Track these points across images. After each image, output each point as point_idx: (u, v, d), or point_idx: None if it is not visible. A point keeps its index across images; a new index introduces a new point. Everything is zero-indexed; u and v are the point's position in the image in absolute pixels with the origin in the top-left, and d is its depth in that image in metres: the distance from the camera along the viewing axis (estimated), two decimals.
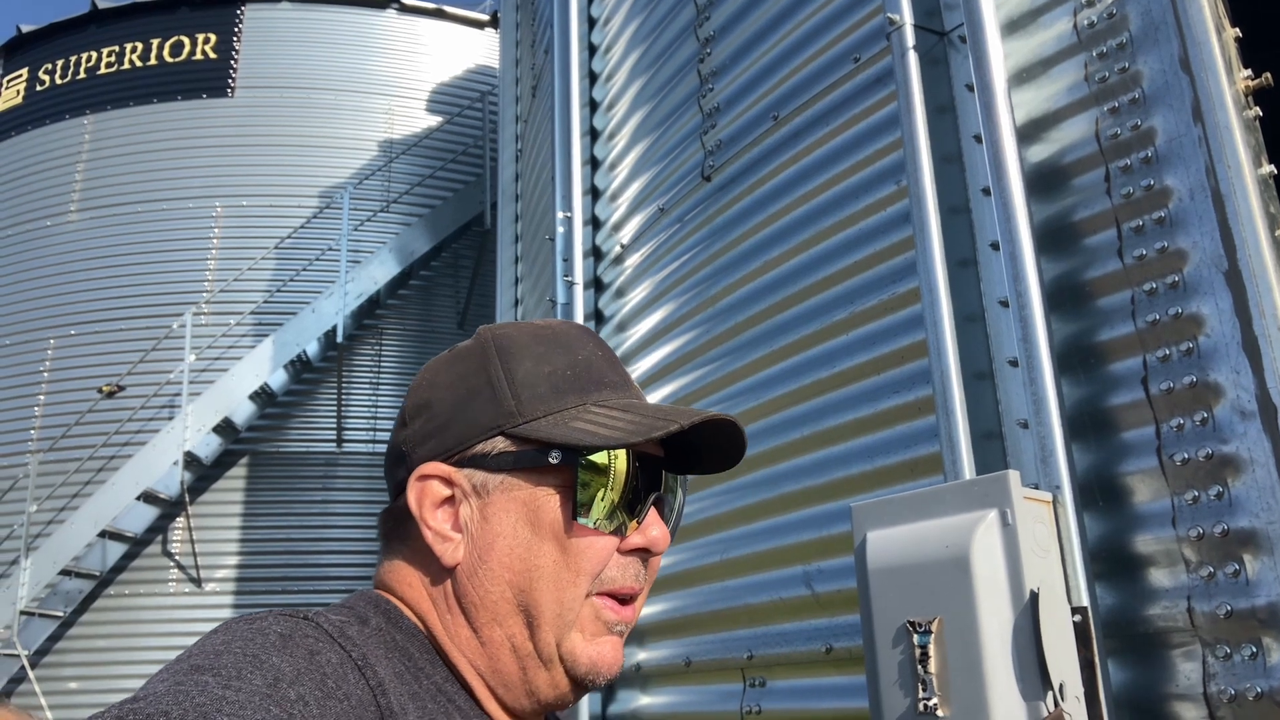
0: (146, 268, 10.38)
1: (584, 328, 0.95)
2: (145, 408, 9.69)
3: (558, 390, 0.86)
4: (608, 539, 0.85)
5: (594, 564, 0.84)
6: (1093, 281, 2.04)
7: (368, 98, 11.40)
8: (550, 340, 0.90)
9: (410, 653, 0.82)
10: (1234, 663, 1.72)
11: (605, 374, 0.90)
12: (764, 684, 2.67)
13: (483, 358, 0.88)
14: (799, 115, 2.85)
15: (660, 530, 0.88)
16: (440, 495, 0.85)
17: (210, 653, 0.68)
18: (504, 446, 0.85)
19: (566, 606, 0.84)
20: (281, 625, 0.73)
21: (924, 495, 1.88)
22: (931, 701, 1.74)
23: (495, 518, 0.84)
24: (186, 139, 10.91)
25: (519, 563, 0.84)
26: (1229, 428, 1.78)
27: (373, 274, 10.32)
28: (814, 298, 2.70)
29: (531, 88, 5.54)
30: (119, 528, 9.15)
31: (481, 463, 0.85)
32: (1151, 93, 2.00)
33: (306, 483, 9.85)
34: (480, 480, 0.85)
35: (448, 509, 0.85)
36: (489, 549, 0.84)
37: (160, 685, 0.64)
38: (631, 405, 0.88)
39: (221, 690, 0.63)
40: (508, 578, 0.84)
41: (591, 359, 0.90)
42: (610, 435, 0.83)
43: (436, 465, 0.86)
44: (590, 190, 4.06)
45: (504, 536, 0.84)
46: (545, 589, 0.83)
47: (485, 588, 0.84)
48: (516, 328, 0.92)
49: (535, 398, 0.86)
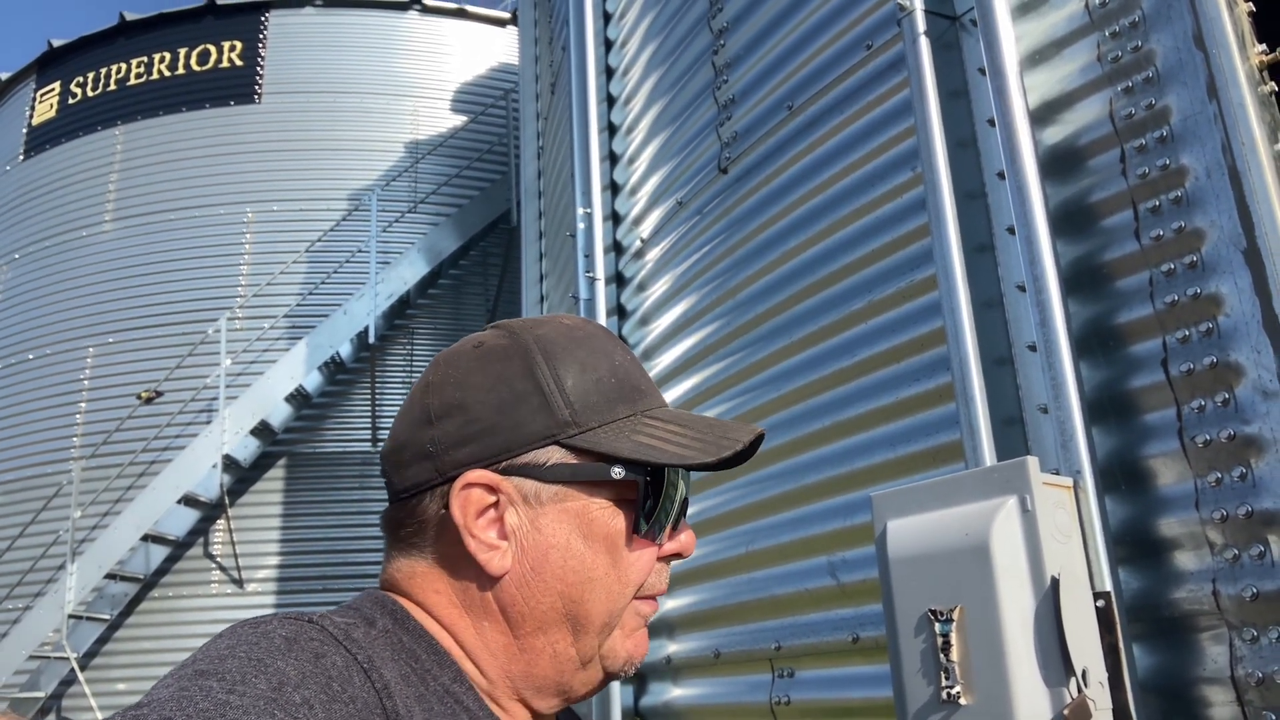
0: (181, 274, 10.54)
1: (603, 327, 0.95)
2: (183, 413, 9.84)
3: (609, 400, 0.86)
4: (652, 549, 0.88)
5: (643, 574, 0.87)
6: (1110, 263, 2.02)
7: (393, 100, 11.48)
8: (586, 343, 0.88)
9: (417, 654, 0.82)
10: (1261, 645, 1.70)
11: (641, 381, 0.90)
12: (792, 674, 2.68)
13: (526, 360, 0.85)
14: (813, 104, 2.84)
15: (689, 535, 0.91)
16: (484, 502, 0.83)
17: (215, 657, 0.68)
18: (561, 457, 0.83)
19: (613, 614, 0.85)
20: (286, 629, 0.73)
21: (943, 483, 1.88)
22: (954, 690, 1.74)
23: (549, 529, 0.83)
24: (216, 146, 11.04)
25: (572, 575, 0.83)
26: (1251, 408, 1.76)
27: (402, 274, 10.40)
28: (832, 287, 2.69)
29: (550, 85, 5.56)
30: (161, 531, 9.31)
31: (534, 473, 0.83)
32: (1165, 71, 1.98)
33: (343, 482, 9.97)
34: (532, 490, 0.83)
35: (491, 516, 0.83)
36: (543, 560, 0.83)
37: (165, 691, 0.65)
38: (680, 417, 0.89)
39: (225, 695, 0.63)
40: (559, 589, 0.83)
41: (626, 364, 0.90)
42: (680, 453, 0.84)
43: (483, 473, 0.83)
44: (610, 185, 4.07)
45: (558, 548, 0.83)
46: (598, 600, 0.84)
47: (536, 598, 0.83)
48: (549, 326, 0.89)
49: (588, 407, 0.84)
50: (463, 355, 0.88)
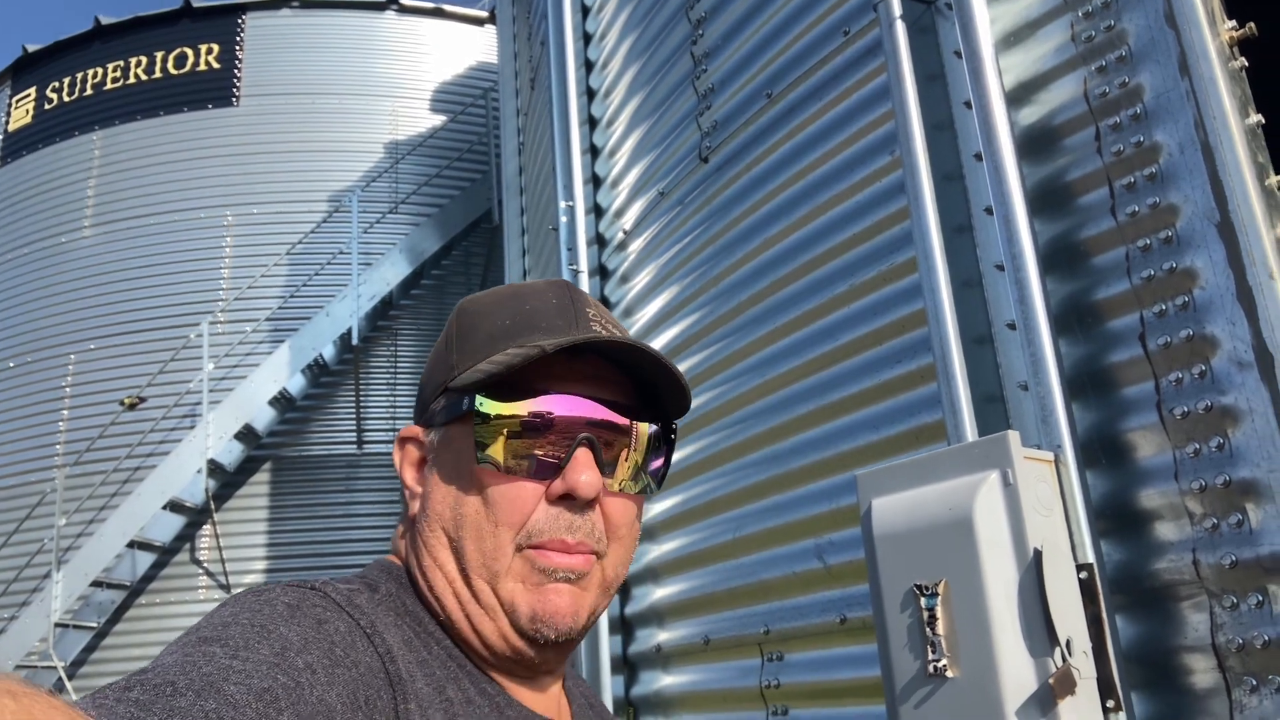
0: (162, 279, 10.48)
1: (561, 282, 0.93)
2: (167, 418, 9.78)
3: (492, 339, 0.85)
4: (526, 486, 0.82)
5: (512, 514, 0.82)
6: (1087, 241, 2.05)
7: (372, 100, 11.44)
8: (510, 296, 0.90)
9: (421, 618, 0.83)
10: (1240, 612, 1.72)
11: (547, 319, 0.85)
12: (782, 658, 2.69)
13: (450, 323, 0.92)
14: (792, 91, 2.86)
15: (589, 475, 0.81)
16: (415, 456, 0.90)
17: (219, 624, 0.69)
18: (443, 401, 0.87)
19: (489, 556, 0.82)
20: (289, 596, 0.73)
21: (926, 460, 1.90)
22: (941, 663, 1.75)
23: (437, 470, 0.88)
24: (195, 150, 10.98)
25: (449, 512, 0.85)
26: (1227, 379, 1.78)
27: (384, 275, 10.37)
28: (813, 272, 2.71)
29: (530, 80, 5.56)
30: (147, 537, 9.25)
31: (431, 420, 0.89)
32: (1138, 49, 2.00)
33: (329, 485, 9.93)
34: (433, 437, 0.89)
35: (420, 468, 0.90)
36: (428, 499, 0.87)
37: (169, 657, 0.65)
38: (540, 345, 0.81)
39: (229, 660, 0.64)
40: (441, 525, 0.85)
41: (541, 308, 0.87)
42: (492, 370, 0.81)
43: (411, 428, 0.92)
44: (591, 179, 4.08)
45: (439, 488, 0.86)
46: (469, 538, 0.83)
47: (426, 535, 0.86)
48: (494, 291, 0.93)
49: (470, 350, 0.86)
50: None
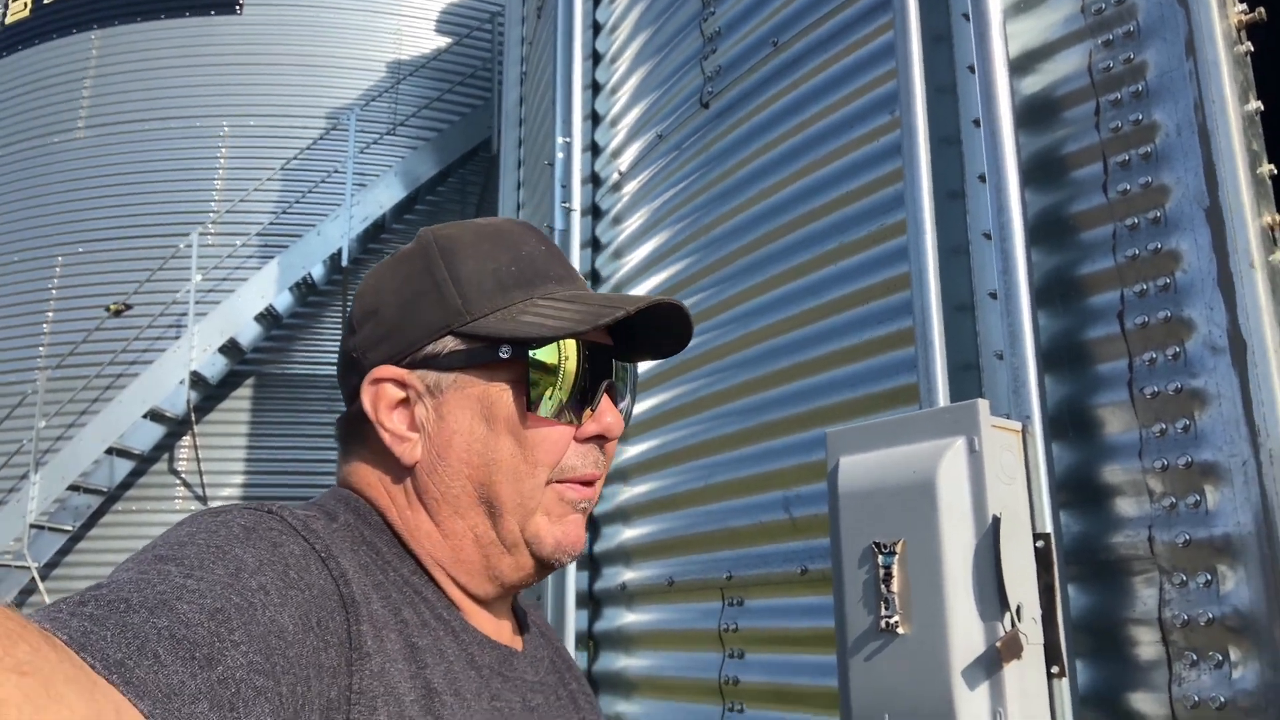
0: (154, 186, 10.35)
1: (527, 224, 0.96)
2: (152, 327, 9.75)
3: (503, 286, 0.88)
4: (563, 429, 0.87)
5: (551, 455, 0.87)
6: (1076, 215, 2.05)
7: (376, 16, 11.22)
8: (494, 237, 0.91)
9: (377, 546, 0.85)
10: (1189, 589, 1.76)
11: (550, 267, 0.91)
12: (742, 603, 2.74)
13: (426, 259, 0.89)
14: (798, 41, 2.82)
15: (614, 417, 0.90)
16: (395, 397, 0.87)
17: (174, 543, 0.69)
18: (454, 345, 0.86)
19: (527, 495, 0.86)
20: (246, 518, 0.74)
21: (896, 422, 1.92)
22: (893, 619, 1.79)
23: (451, 415, 0.86)
24: (194, 57, 10.79)
25: (477, 457, 0.86)
26: (1200, 362, 1.80)
27: (378, 198, 10.28)
28: (805, 227, 2.70)
29: (537, 9, 5.47)
30: (126, 445, 9.28)
31: (434, 363, 0.86)
32: (1146, 25, 1.98)
33: (311, 404, 9.95)
34: (433, 380, 0.87)
35: (403, 410, 0.87)
36: (447, 446, 0.86)
37: (124, 574, 0.65)
38: (577, 296, 0.89)
39: (183, 579, 0.64)
40: (467, 472, 0.86)
41: (535, 254, 0.91)
42: (558, 326, 0.85)
43: (388, 368, 0.87)
44: (591, 115, 4.03)
45: (461, 433, 0.86)
46: (504, 481, 0.86)
47: (446, 483, 0.86)
48: (460, 227, 0.93)
49: (481, 295, 0.87)
50: (382, 264, 0.94)
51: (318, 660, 0.69)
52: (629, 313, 0.85)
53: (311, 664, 0.68)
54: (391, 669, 0.76)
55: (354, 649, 0.73)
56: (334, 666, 0.71)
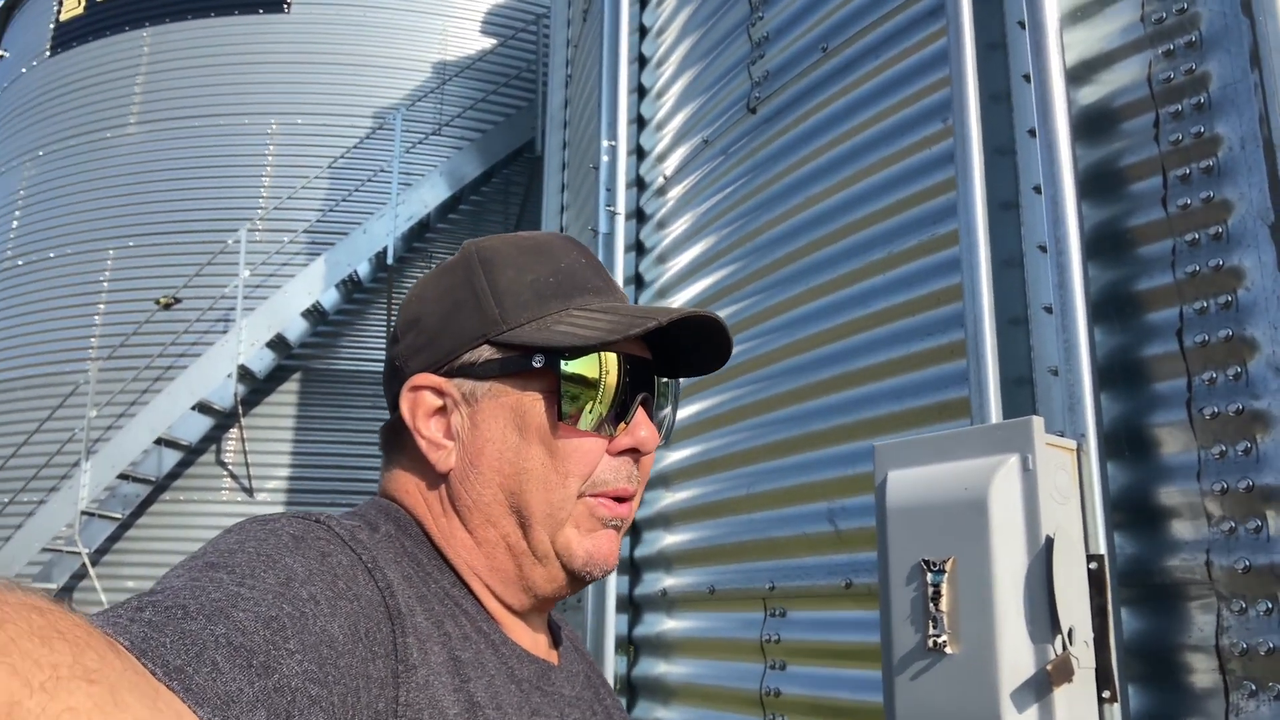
0: (203, 182, 10.53)
1: (569, 238, 0.96)
2: (201, 320, 9.92)
3: (540, 296, 0.88)
4: (595, 440, 0.87)
5: (582, 466, 0.86)
6: (1134, 229, 2.00)
7: (423, 17, 11.32)
8: (533, 250, 0.92)
9: (418, 558, 0.85)
10: (1249, 617, 1.72)
11: (589, 279, 0.91)
12: (784, 614, 2.72)
13: (467, 270, 0.90)
14: (849, 47, 2.79)
15: (649, 431, 0.88)
16: (432, 405, 0.88)
17: (225, 551, 0.70)
18: (490, 354, 0.87)
19: (557, 506, 0.86)
20: (294, 527, 0.75)
21: (946, 437, 1.89)
22: (941, 639, 1.77)
23: (485, 424, 0.87)
24: (243, 55, 10.95)
25: (509, 466, 0.86)
26: (1263, 383, 1.75)
27: (423, 197, 10.37)
28: (853, 235, 2.67)
29: (583, 11, 5.47)
30: (174, 436, 9.45)
31: (470, 371, 0.87)
32: (1209, 36, 1.94)
33: (356, 400, 10.07)
34: (469, 389, 0.87)
35: (440, 418, 0.88)
36: (479, 454, 0.87)
37: (177, 580, 0.65)
38: (613, 307, 0.89)
39: (236, 587, 0.65)
40: (499, 481, 0.86)
41: (575, 266, 0.91)
42: (590, 336, 0.84)
43: (427, 376, 0.88)
44: (636, 119, 4.03)
45: (493, 441, 0.86)
46: (535, 490, 0.86)
47: (478, 491, 0.87)
48: (501, 239, 0.93)
49: (518, 305, 0.87)
50: (427, 275, 0.95)
51: (366, 671, 0.69)
52: (660, 323, 0.84)
53: (361, 674, 0.68)
54: (436, 682, 0.76)
55: (400, 661, 0.74)
56: (382, 678, 0.71)
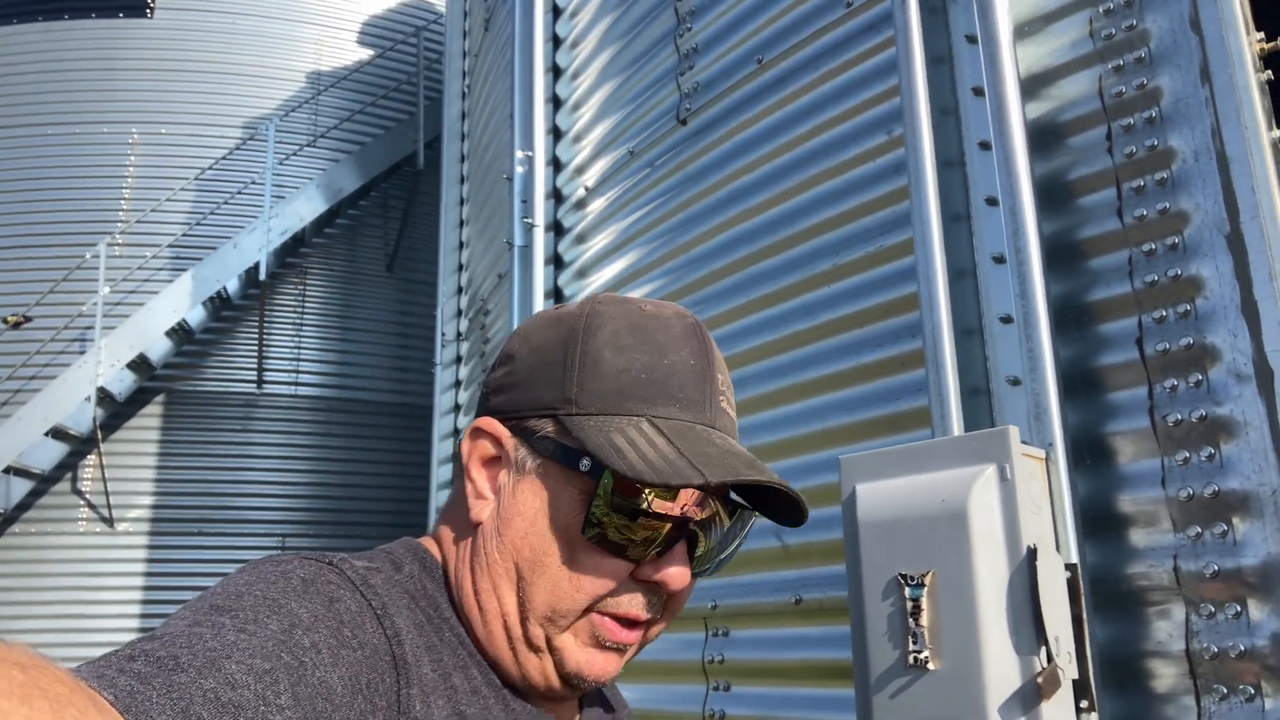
0: (58, 194, 9.85)
1: (695, 326, 0.86)
2: (55, 340, 9.24)
3: (622, 392, 0.80)
4: (619, 564, 0.80)
5: (598, 586, 0.80)
6: (1090, 240, 2.04)
7: (297, 26, 10.92)
8: (643, 333, 0.83)
9: (438, 603, 0.82)
10: (1218, 621, 1.74)
11: (683, 387, 0.82)
12: (728, 634, 2.66)
13: (571, 330, 0.84)
14: (785, 60, 2.78)
15: (679, 570, 0.80)
16: (488, 453, 0.85)
17: (232, 594, 0.69)
18: (550, 431, 0.81)
19: (559, 613, 0.80)
20: (305, 570, 0.74)
21: (917, 449, 1.86)
22: (923, 654, 1.73)
23: (522, 497, 0.82)
24: (101, 60, 10.32)
25: (529, 550, 0.81)
26: (1224, 390, 1.79)
27: (298, 210, 9.95)
28: (795, 248, 2.65)
29: (484, 20, 5.35)
30: (25, 464, 8.75)
31: (528, 437, 0.83)
32: (1159, 52, 1.99)
33: (225, 423, 9.54)
34: (523, 455, 0.83)
35: (492, 469, 0.85)
36: (508, 524, 0.82)
37: (179, 624, 0.65)
38: (686, 433, 0.79)
39: (235, 635, 0.64)
40: (514, 557, 0.82)
41: (677, 366, 0.82)
42: (634, 463, 0.75)
43: (493, 423, 0.84)
44: (552, 130, 3.93)
45: (524, 518, 0.82)
46: (543, 588, 0.80)
47: (494, 556, 0.83)
48: (623, 306, 0.85)
49: (597, 393, 0.80)
50: (547, 312, 0.90)
51: None
52: (707, 482, 0.74)
53: None
54: None
55: (402, 713, 0.72)
56: None
